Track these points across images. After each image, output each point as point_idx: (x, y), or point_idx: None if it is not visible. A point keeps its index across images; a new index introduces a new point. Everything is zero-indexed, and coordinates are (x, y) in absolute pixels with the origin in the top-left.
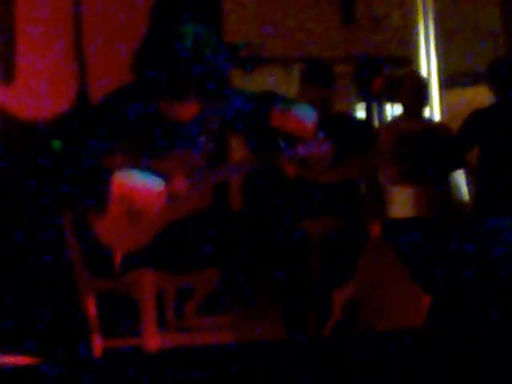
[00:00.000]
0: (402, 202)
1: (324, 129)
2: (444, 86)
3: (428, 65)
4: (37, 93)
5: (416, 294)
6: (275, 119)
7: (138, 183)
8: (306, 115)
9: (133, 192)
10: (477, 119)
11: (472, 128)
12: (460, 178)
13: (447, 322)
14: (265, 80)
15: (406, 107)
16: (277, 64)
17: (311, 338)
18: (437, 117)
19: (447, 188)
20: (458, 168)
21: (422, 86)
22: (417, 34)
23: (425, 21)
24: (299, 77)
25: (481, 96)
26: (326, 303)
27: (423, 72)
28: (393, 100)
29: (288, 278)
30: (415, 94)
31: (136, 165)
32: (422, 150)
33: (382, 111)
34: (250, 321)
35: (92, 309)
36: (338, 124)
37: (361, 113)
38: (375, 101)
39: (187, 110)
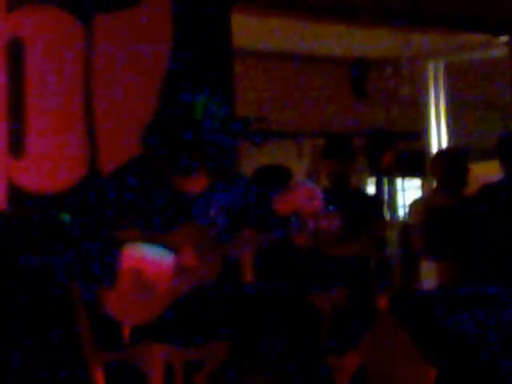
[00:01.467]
0: (428, 276)
1: (336, 203)
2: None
3: (438, 139)
4: (47, 167)
5: (422, 367)
6: (280, 203)
7: (148, 256)
8: (311, 192)
9: (143, 264)
10: (487, 194)
11: (483, 201)
12: None
13: None
14: (275, 154)
15: (440, 182)
16: (287, 138)
17: None
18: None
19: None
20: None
21: (459, 162)
22: (428, 108)
23: (436, 96)
24: (319, 151)
25: (491, 171)
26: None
27: (434, 146)
28: (404, 174)
29: (296, 351)
30: (451, 170)
31: (145, 237)
32: (453, 225)
33: (392, 185)
34: None
35: (100, 381)
36: (350, 199)
37: (371, 187)
38: (386, 175)
39: (196, 184)
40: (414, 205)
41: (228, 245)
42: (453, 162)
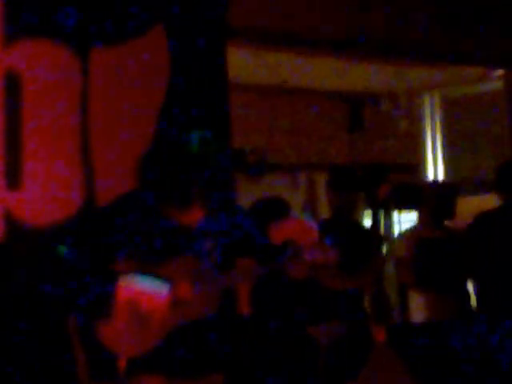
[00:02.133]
0: (417, 308)
1: (334, 235)
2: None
3: (435, 171)
4: (43, 198)
5: None
6: (274, 234)
7: (144, 287)
8: (305, 225)
9: (139, 296)
10: (483, 221)
11: (479, 231)
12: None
13: None
14: (271, 186)
15: (427, 215)
16: (283, 170)
17: None
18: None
19: (463, 296)
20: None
21: (446, 195)
22: (424, 141)
23: (432, 128)
24: (325, 184)
25: (488, 204)
26: None
27: (430, 179)
28: (400, 207)
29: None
30: (439, 203)
31: (141, 269)
32: (442, 257)
33: (388, 218)
34: None
35: None
36: (350, 231)
37: (367, 220)
38: (382, 208)
39: (191, 216)
40: (400, 237)
41: (226, 276)
42: (440, 194)
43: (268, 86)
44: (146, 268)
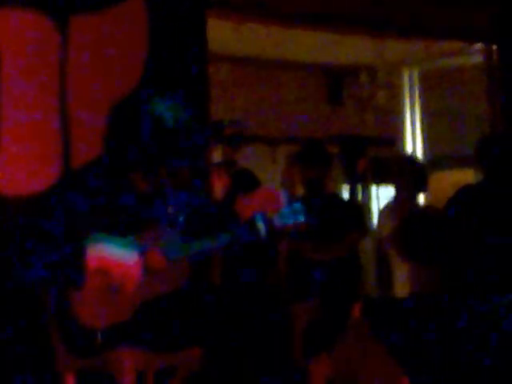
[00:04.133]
0: (402, 280)
1: (313, 210)
2: (429, 167)
3: (413, 146)
4: (20, 170)
5: (394, 375)
6: (243, 207)
7: (114, 256)
8: (273, 196)
9: (108, 265)
10: (464, 196)
11: (460, 205)
12: None
13: None
14: (250, 159)
15: (403, 189)
16: (262, 143)
17: None
18: (421, 199)
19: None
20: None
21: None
22: (403, 115)
23: (411, 103)
24: (293, 156)
25: (466, 178)
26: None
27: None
28: (378, 181)
29: (270, 358)
30: (411, 177)
31: (112, 239)
32: (424, 229)
33: (367, 192)
34: None
35: None
36: (327, 205)
37: (346, 193)
38: (360, 182)
39: (157, 183)
40: (383, 212)
41: (194, 245)
42: (412, 169)
43: (247, 58)
44: (117, 239)
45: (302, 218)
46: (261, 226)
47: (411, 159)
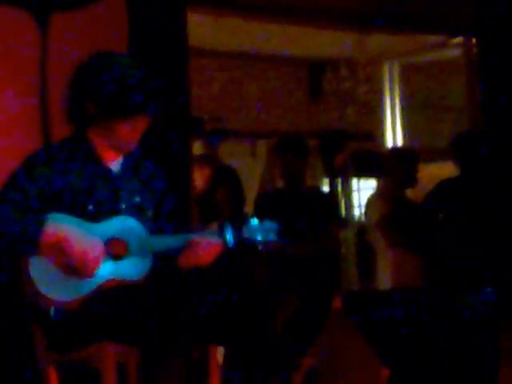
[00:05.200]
0: (385, 272)
1: (292, 203)
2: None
3: (394, 139)
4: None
5: (375, 367)
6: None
7: (74, 237)
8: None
9: (67, 245)
10: (442, 189)
11: (437, 198)
12: None
13: None
14: (230, 155)
15: (389, 183)
16: (242, 138)
17: None
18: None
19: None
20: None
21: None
22: (383, 109)
23: (391, 96)
24: (271, 148)
25: (445, 172)
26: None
27: (389, 147)
28: (358, 174)
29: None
30: (401, 169)
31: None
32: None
33: (347, 185)
34: None
35: (53, 381)
36: (306, 198)
37: (326, 187)
38: (339, 175)
39: (136, 127)
40: (369, 204)
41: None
42: (403, 161)
43: (227, 53)
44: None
45: (273, 237)
46: (229, 237)
47: (400, 150)
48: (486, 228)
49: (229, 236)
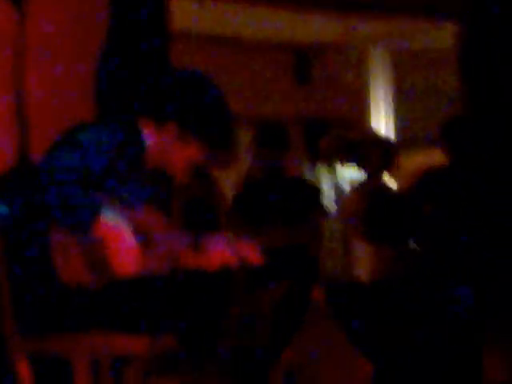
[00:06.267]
0: (362, 262)
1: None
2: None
3: (386, 127)
4: None
5: (358, 362)
6: None
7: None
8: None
9: (110, 237)
10: (429, 179)
11: (423, 188)
12: None
13: None
14: None
15: (368, 169)
16: None
17: None
18: (391, 179)
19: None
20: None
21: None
22: (372, 95)
23: (380, 83)
24: (252, 140)
25: (435, 159)
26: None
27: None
28: (344, 162)
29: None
30: (379, 158)
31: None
32: (386, 210)
33: (331, 173)
34: None
35: (25, 372)
36: (288, 188)
37: (311, 174)
38: (324, 162)
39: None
40: (349, 193)
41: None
42: (380, 149)
43: (212, 37)
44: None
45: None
46: None
47: (378, 139)
48: (476, 218)
49: None
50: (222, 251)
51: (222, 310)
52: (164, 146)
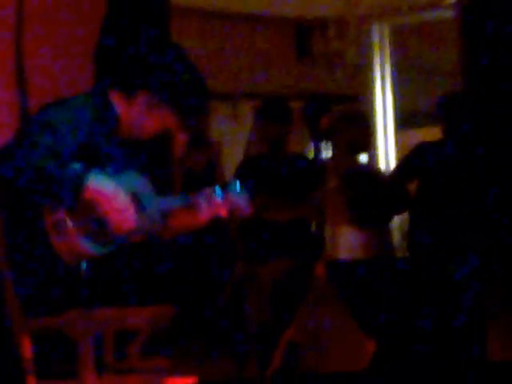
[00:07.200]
0: (345, 244)
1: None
2: (398, 125)
3: (383, 103)
4: None
5: (360, 338)
6: None
7: (117, 197)
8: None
9: (102, 200)
10: (421, 152)
11: (415, 161)
12: None
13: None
14: (212, 116)
15: (341, 147)
16: (224, 99)
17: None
18: (391, 157)
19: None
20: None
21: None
22: (373, 71)
23: (381, 58)
24: (255, 114)
25: (436, 136)
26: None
27: (378, 110)
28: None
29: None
30: (353, 133)
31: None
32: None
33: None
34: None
35: (27, 349)
36: (290, 164)
37: (311, 151)
38: (324, 139)
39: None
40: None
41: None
42: (354, 125)
43: (213, 12)
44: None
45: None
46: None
47: (351, 116)
48: (469, 193)
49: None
50: (211, 204)
51: (220, 274)
52: (135, 115)
